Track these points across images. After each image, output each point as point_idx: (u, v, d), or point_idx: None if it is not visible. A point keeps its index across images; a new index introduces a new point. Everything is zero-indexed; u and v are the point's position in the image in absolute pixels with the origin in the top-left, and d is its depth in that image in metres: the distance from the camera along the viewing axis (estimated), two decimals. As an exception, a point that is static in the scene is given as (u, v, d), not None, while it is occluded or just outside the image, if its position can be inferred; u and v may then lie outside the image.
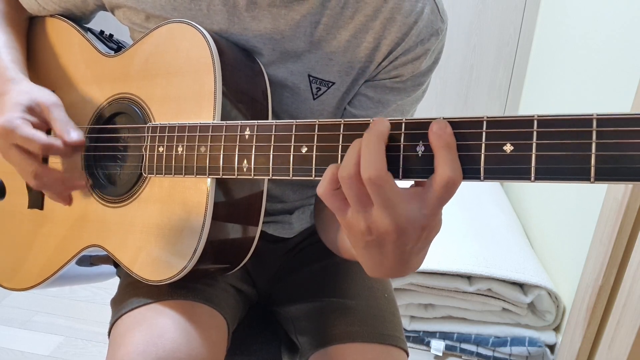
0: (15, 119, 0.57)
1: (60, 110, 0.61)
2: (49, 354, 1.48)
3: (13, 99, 0.60)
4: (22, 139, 0.56)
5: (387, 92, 0.65)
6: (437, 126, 0.39)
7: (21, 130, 0.56)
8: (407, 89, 0.65)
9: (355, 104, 0.67)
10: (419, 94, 0.68)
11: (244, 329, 0.77)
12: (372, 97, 0.66)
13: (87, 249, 0.65)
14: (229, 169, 0.53)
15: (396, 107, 0.66)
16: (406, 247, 0.41)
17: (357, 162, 0.40)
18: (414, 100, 0.68)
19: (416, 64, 0.63)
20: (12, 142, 0.57)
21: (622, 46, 1.23)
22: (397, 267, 0.44)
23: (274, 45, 0.62)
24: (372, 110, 0.66)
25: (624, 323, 1.12)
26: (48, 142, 0.57)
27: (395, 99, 0.66)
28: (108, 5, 0.68)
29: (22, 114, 0.58)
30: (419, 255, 0.44)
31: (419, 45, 0.61)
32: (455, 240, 1.61)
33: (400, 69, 0.63)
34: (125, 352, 0.55)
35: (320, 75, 0.64)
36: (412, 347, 1.51)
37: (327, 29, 0.61)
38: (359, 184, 0.40)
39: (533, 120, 0.36)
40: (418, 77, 0.65)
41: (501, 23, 2.06)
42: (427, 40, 0.61)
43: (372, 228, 0.41)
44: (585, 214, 1.33)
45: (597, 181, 0.33)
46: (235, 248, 0.62)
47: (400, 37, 0.61)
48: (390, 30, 0.61)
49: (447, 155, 0.38)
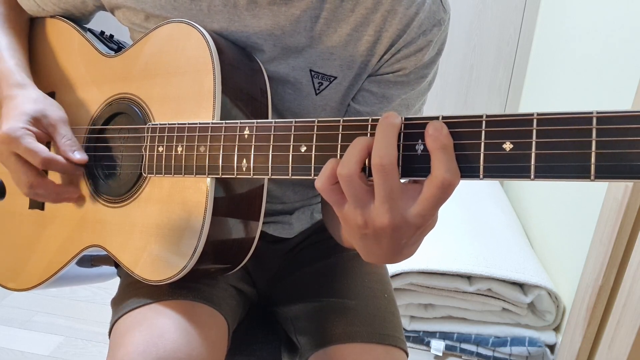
0: (19, 129, 0.57)
1: (66, 127, 0.62)
2: (49, 354, 1.48)
3: (20, 107, 0.60)
4: (24, 149, 0.57)
5: (390, 86, 0.65)
6: (433, 128, 0.39)
7: (24, 141, 0.57)
8: (410, 82, 0.65)
9: (359, 100, 0.66)
10: (424, 87, 0.67)
11: (244, 329, 0.77)
12: (376, 93, 0.65)
13: (88, 249, 0.65)
14: (228, 169, 0.53)
15: (401, 101, 0.66)
16: (401, 241, 0.43)
17: (358, 160, 0.41)
18: (420, 93, 0.67)
19: (419, 56, 0.62)
20: (13, 150, 0.58)
21: (622, 46, 1.23)
22: (390, 256, 0.46)
23: (275, 41, 0.62)
24: (377, 105, 0.66)
25: (624, 323, 1.12)
26: (49, 157, 0.58)
27: (399, 93, 0.65)
28: (108, 6, 0.68)
29: (27, 124, 0.59)
30: (413, 247, 0.46)
31: (421, 37, 0.61)
32: (455, 240, 1.61)
33: (403, 62, 0.62)
34: (125, 352, 0.55)
35: (322, 70, 0.63)
36: (412, 347, 1.50)
37: (328, 23, 0.61)
38: (358, 183, 0.41)
39: (532, 119, 0.35)
40: (421, 70, 0.64)
41: (501, 23, 2.06)
42: (429, 31, 0.61)
43: (369, 223, 0.42)
44: (585, 214, 1.33)
45: (597, 179, 0.33)
46: (235, 248, 0.62)
47: (401, 29, 0.60)
48: (392, 23, 0.60)
49: (443, 156, 0.38)
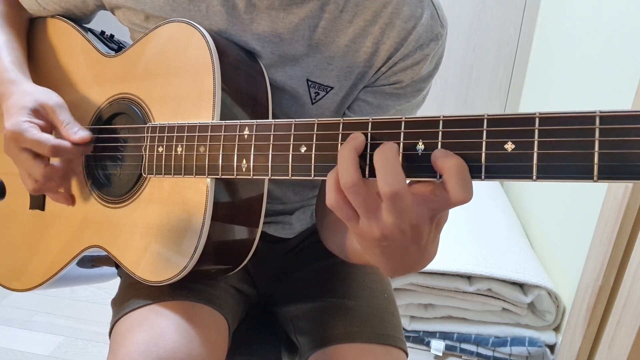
0: (22, 123, 0.57)
1: (64, 111, 0.61)
2: (49, 354, 1.48)
3: (18, 102, 0.60)
4: (32, 142, 0.57)
5: (386, 97, 0.65)
6: (440, 152, 0.38)
7: (29, 133, 0.57)
8: (406, 95, 0.65)
9: (354, 109, 0.67)
10: (419, 100, 0.67)
11: (244, 329, 0.77)
12: (372, 103, 0.65)
13: (88, 249, 0.65)
14: (228, 169, 0.52)
15: (395, 112, 0.66)
16: (421, 242, 0.42)
17: (355, 168, 0.39)
18: (414, 106, 0.68)
19: (416, 70, 0.62)
20: (22, 145, 0.58)
21: (622, 46, 1.23)
22: (418, 260, 0.45)
23: (273, 49, 0.62)
24: (372, 115, 0.65)
25: (624, 323, 1.12)
26: (57, 143, 0.58)
27: (394, 104, 0.65)
28: (108, 6, 0.68)
29: (29, 117, 0.59)
30: (434, 243, 0.45)
31: (418, 51, 0.61)
32: (455, 240, 1.61)
33: (399, 75, 0.63)
34: (126, 352, 0.55)
35: (319, 80, 0.63)
36: (412, 347, 1.50)
37: (326, 33, 0.61)
38: (363, 189, 0.39)
39: (535, 118, 0.35)
40: (418, 83, 0.64)
41: (501, 23, 2.06)
42: (426, 45, 0.61)
43: (387, 234, 0.40)
44: (585, 214, 1.33)
45: (600, 180, 0.33)
46: (236, 249, 0.62)
47: (399, 42, 0.60)
48: (389, 35, 0.60)
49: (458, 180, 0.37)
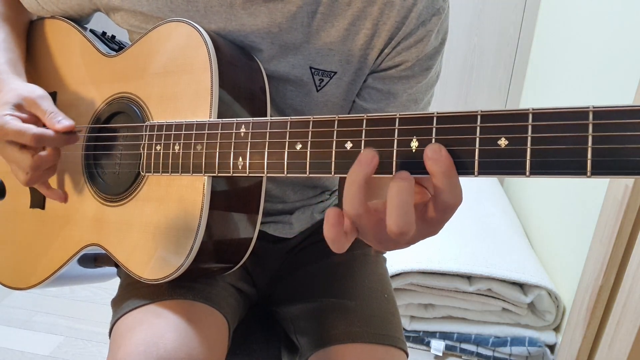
0: (3, 117, 0.58)
1: (46, 101, 0.62)
2: (49, 354, 1.48)
3: (1, 100, 0.61)
4: (14, 132, 0.58)
5: (395, 82, 0.64)
6: (431, 151, 0.37)
7: (11, 125, 0.58)
8: (415, 75, 0.64)
9: (364, 97, 0.66)
10: (431, 79, 0.66)
11: (244, 329, 0.77)
12: (381, 89, 0.65)
13: (86, 247, 0.65)
14: (225, 167, 0.52)
15: (408, 96, 0.65)
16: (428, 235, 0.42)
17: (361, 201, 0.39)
18: (427, 86, 0.66)
19: (420, 47, 0.61)
20: (5, 138, 0.59)
21: (622, 46, 1.23)
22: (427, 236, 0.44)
23: (272, 39, 0.62)
24: (383, 102, 0.65)
25: (624, 323, 1.11)
26: (39, 132, 0.58)
27: (404, 88, 0.64)
28: (104, 9, 0.68)
29: (11, 111, 0.60)
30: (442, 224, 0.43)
31: (420, 27, 0.60)
32: (455, 240, 1.61)
33: (404, 54, 0.62)
34: (126, 352, 0.55)
35: (321, 67, 0.63)
36: (412, 347, 1.50)
37: (325, 18, 0.61)
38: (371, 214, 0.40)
39: (528, 113, 0.35)
40: (425, 61, 0.63)
41: (501, 23, 2.06)
42: (428, 20, 0.60)
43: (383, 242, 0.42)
44: (585, 214, 1.33)
45: (593, 175, 0.32)
46: (233, 247, 0.62)
47: (399, 21, 0.60)
48: (389, 15, 0.60)
49: (446, 180, 0.37)
